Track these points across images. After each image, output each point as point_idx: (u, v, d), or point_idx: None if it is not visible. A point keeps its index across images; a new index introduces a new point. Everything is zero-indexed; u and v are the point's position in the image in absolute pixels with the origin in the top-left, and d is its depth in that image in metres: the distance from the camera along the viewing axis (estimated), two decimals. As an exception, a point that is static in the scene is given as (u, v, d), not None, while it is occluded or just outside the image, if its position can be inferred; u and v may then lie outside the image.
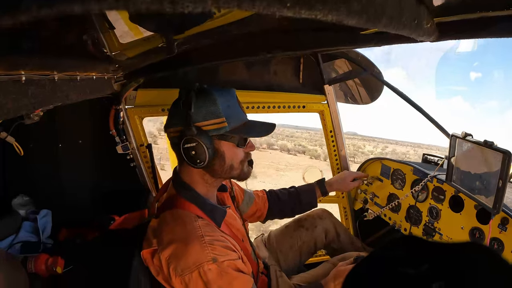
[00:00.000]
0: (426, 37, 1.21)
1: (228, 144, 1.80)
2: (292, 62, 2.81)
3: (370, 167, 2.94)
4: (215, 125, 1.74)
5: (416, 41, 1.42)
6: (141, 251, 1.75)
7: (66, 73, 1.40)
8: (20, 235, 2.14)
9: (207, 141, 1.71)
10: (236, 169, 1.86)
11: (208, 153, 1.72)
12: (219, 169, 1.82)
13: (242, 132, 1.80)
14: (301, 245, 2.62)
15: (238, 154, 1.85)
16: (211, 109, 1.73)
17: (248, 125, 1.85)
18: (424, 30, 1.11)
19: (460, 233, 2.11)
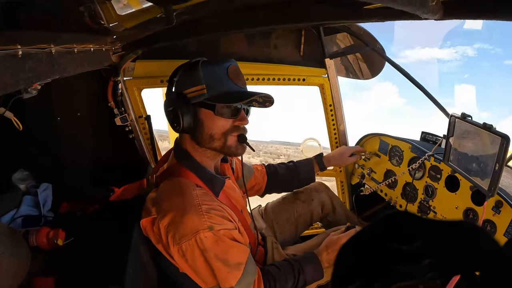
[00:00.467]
0: (431, 15, 1.19)
1: (206, 112, 1.80)
2: (293, 35, 2.76)
3: (368, 142, 2.94)
4: (195, 92, 1.78)
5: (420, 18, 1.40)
6: (141, 221, 1.79)
7: (63, 46, 1.38)
8: (21, 209, 2.15)
9: (184, 107, 1.77)
10: (217, 141, 1.84)
11: (184, 118, 1.77)
12: (200, 138, 1.85)
13: (219, 100, 1.79)
14: (298, 218, 2.65)
15: (219, 123, 1.83)
16: (192, 77, 1.79)
17: (229, 93, 1.82)
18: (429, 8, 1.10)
19: (454, 212, 2.14)
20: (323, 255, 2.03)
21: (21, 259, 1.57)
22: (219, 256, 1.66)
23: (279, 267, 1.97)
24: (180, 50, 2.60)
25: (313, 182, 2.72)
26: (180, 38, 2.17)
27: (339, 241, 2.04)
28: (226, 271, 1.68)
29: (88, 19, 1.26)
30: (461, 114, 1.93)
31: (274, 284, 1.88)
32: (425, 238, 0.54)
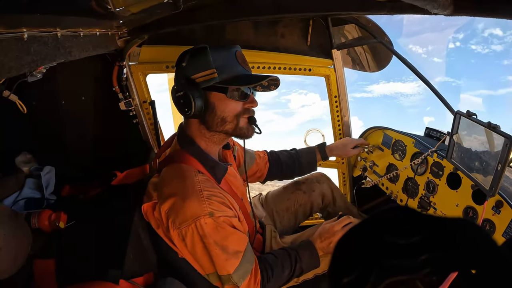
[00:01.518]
0: (441, 10, 1.18)
1: (218, 95, 1.81)
2: (300, 24, 2.73)
3: (372, 135, 2.93)
4: (205, 76, 1.78)
5: (429, 13, 1.39)
6: (142, 205, 1.81)
7: (69, 29, 1.38)
8: (24, 191, 2.17)
9: (195, 91, 1.76)
10: (229, 123, 1.86)
11: (195, 102, 1.76)
12: (211, 121, 1.85)
13: (230, 82, 1.80)
14: (298, 208, 2.66)
15: (231, 106, 1.84)
16: (201, 61, 1.78)
17: (241, 76, 1.84)
18: (439, 3, 1.09)
19: (454, 210, 2.14)
20: (317, 242, 2.05)
21: (22, 241, 1.58)
22: (218, 242, 1.68)
23: (276, 255, 1.99)
24: (186, 36, 2.59)
25: (315, 170, 2.72)
26: (186, 24, 2.16)
27: (332, 228, 2.06)
28: (224, 258, 1.70)
29: (94, 3, 1.25)
30: (466, 112, 1.91)
31: (271, 272, 1.90)
32: (423, 233, 0.54)
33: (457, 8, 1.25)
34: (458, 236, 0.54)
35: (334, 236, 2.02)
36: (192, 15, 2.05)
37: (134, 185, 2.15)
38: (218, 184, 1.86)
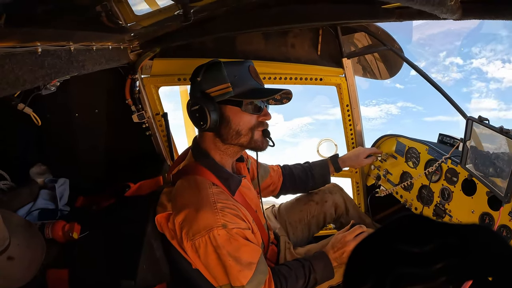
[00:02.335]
0: (450, 15, 1.18)
1: (233, 109, 1.84)
2: (310, 34, 2.74)
3: (385, 143, 2.91)
4: (220, 90, 1.81)
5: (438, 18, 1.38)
6: (156, 216, 1.82)
7: (82, 43, 1.41)
8: (38, 202, 2.21)
9: (210, 105, 1.78)
10: (244, 136, 1.89)
11: (211, 116, 1.78)
12: (226, 134, 1.87)
13: (246, 96, 1.83)
14: (311, 219, 2.64)
15: (246, 119, 1.87)
16: (216, 76, 1.81)
17: (255, 90, 1.87)
18: (448, 7, 1.08)
19: (470, 216, 2.10)
20: (330, 253, 2.04)
21: (36, 251, 1.60)
22: (232, 253, 1.68)
23: (290, 266, 1.98)
24: (197, 49, 2.62)
25: (328, 183, 2.70)
26: (197, 36, 2.19)
27: (344, 238, 2.04)
28: (238, 269, 1.69)
29: (106, 17, 1.28)
30: (478, 118, 1.89)
31: (285, 283, 1.89)
32: (438, 241, 0.53)
33: (466, 11, 1.24)
34: (474, 242, 0.54)
35: (346, 246, 2.01)
36: (202, 27, 2.08)
37: (147, 196, 2.16)
38: (232, 196, 1.87)
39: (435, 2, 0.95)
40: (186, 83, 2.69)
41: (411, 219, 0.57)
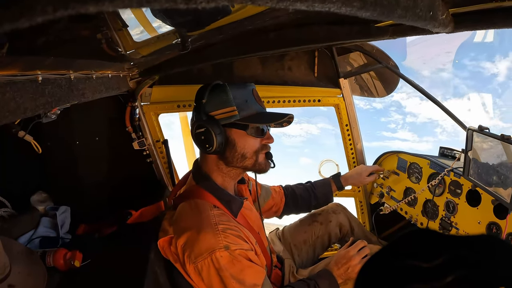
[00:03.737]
0: (442, 29, 1.19)
1: (239, 132, 1.85)
2: (306, 56, 2.79)
3: (386, 160, 2.91)
4: (226, 113, 1.81)
5: (431, 33, 1.41)
6: (158, 241, 1.81)
7: (82, 72, 1.43)
8: (39, 230, 2.19)
9: (216, 128, 1.79)
10: (249, 159, 1.89)
11: (217, 139, 1.78)
12: (231, 157, 1.87)
13: (252, 120, 1.85)
14: (315, 240, 2.62)
15: (251, 143, 1.88)
16: (222, 99, 1.81)
17: (260, 114, 1.89)
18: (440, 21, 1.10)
19: (477, 227, 2.09)
20: (334, 270, 2.03)
21: (37, 279, 1.58)
22: (235, 276, 1.66)
23: (295, 287, 1.95)
24: (195, 75, 2.66)
25: (331, 202, 2.68)
26: (195, 63, 2.22)
27: (347, 253, 2.04)
28: None
29: (105, 46, 1.30)
30: (478, 127, 1.90)
31: None
32: (447, 254, 0.53)
33: (458, 24, 1.27)
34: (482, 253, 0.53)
35: (350, 260, 2.00)
36: (200, 54, 2.11)
37: (149, 222, 2.15)
38: (235, 218, 1.86)
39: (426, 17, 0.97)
40: (186, 109, 2.72)
41: (418, 234, 0.57)
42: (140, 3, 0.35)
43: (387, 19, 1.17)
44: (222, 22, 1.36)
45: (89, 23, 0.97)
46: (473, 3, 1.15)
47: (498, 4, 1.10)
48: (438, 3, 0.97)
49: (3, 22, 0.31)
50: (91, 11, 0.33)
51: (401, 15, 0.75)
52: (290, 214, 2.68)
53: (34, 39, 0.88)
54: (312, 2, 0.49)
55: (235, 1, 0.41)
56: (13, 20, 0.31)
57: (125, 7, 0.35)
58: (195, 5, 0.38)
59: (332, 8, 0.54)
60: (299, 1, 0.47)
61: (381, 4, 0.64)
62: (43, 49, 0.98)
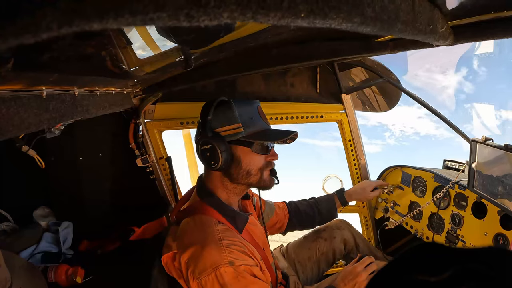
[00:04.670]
0: (442, 41, 1.20)
1: (244, 149, 1.85)
2: (308, 72, 2.81)
3: (390, 175, 2.90)
4: (231, 130, 1.81)
5: (431, 46, 1.42)
6: (162, 257, 1.78)
7: (86, 88, 1.44)
8: (41, 245, 2.20)
9: (222, 145, 1.78)
10: (254, 176, 1.89)
11: (222, 156, 1.78)
12: (236, 174, 1.87)
13: (258, 138, 1.85)
14: (320, 256, 2.60)
15: (257, 160, 1.88)
16: (228, 115, 1.81)
17: (265, 132, 1.89)
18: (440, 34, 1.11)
19: (483, 239, 2.07)
20: (341, 286, 2.01)
21: (38, 295, 1.58)
22: None
23: None
24: (199, 92, 2.68)
25: (335, 218, 2.67)
26: (198, 80, 2.23)
27: (354, 269, 2.02)
28: None
29: (110, 63, 1.32)
30: (482, 138, 1.90)
31: None
32: (454, 268, 0.52)
33: (457, 36, 1.28)
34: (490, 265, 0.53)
35: (357, 277, 1.98)
36: (203, 71, 2.13)
37: (152, 239, 2.14)
38: (240, 234, 1.85)
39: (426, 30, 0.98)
40: (189, 126, 2.73)
41: (424, 248, 0.57)
42: (143, 21, 0.36)
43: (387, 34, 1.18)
44: (224, 40, 1.38)
45: (94, 40, 0.98)
46: (472, 15, 1.16)
47: (496, 15, 1.11)
48: (437, 16, 0.98)
49: (8, 37, 0.32)
50: (96, 28, 0.34)
51: (401, 30, 0.76)
52: (294, 230, 2.66)
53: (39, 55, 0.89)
54: (313, 19, 0.50)
55: (237, 19, 0.42)
56: (18, 35, 0.32)
57: (129, 25, 0.36)
58: (198, 23, 0.39)
59: (333, 24, 0.55)
60: (300, 18, 0.48)
61: (381, 19, 0.65)
62: (48, 65, 0.99)
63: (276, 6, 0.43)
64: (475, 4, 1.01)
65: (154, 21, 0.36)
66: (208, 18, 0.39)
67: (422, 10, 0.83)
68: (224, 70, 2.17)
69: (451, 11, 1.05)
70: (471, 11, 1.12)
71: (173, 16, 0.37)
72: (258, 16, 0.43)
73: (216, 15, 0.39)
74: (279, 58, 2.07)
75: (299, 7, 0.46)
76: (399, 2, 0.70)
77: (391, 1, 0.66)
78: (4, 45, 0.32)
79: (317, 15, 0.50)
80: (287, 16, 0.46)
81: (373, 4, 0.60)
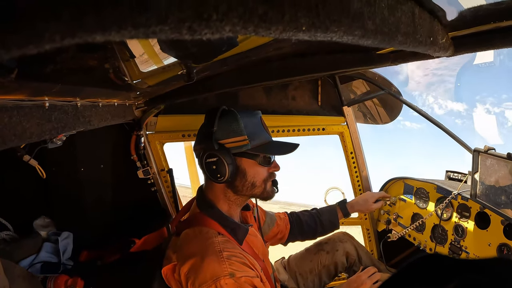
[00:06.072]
0: (442, 53, 1.21)
1: (249, 161, 1.83)
2: (310, 85, 2.82)
3: (392, 187, 2.89)
4: (237, 142, 1.79)
5: (432, 57, 1.43)
6: (162, 269, 1.76)
7: (88, 99, 1.45)
8: (41, 255, 2.20)
9: (228, 157, 1.76)
10: (258, 187, 1.88)
11: (229, 169, 1.76)
12: (241, 186, 1.85)
13: (263, 150, 1.84)
14: (321, 269, 2.58)
15: (261, 172, 1.87)
16: (233, 127, 1.79)
17: (270, 144, 1.89)
18: (440, 46, 1.12)
19: (487, 250, 2.06)
20: None
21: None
22: None
23: None
24: (201, 104, 2.69)
25: (337, 229, 2.65)
26: (201, 93, 2.25)
27: (359, 278, 2.03)
28: None
29: (112, 75, 1.32)
30: (484, 147, 1.90)
31: None
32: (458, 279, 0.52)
33: (457, 47, 1.28)
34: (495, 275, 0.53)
35: (362, 285, 1.98)
36: (205, 84, 2.14)
37: (153, 251, 2.13)
38: (240, 245, 1.83)
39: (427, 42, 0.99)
40: (191, 139, 2.74)
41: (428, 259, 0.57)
42: (146, 34, 0.36)
43: (388, 46, 1.19)
44: (227, 54, 1.39)
45: (97, 52, 0.99)
46: (471, 26, 1.17)
47: (496, 25, 1.12)
48: (437, 28, 0.99)
49: (12, 47, 0.32)
50: (98, 40, 0.34)
51: (401, 42, 0.76)
52: (296, 241, 2.64)
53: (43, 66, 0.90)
54: (315, 32, 0.51)
55: (239, 32, 0.43)
56: (21, 45, 0.32)
57: (132, 37, 0.36)
58: (200, 36, 0.40)
59: (334, 37, 0.56)
60: (302, 31, 0.49)
61: (381, 32, 0.65)
62: (51, 76, 1.00)
63: (278, 19, 0.44)
64: (474, 15, 1.01)
65: (157, 34, 0.37)
66: (210, 32, 0.40)
67: (422, 22, 0.84)
68: (226, 83, 2.18)
69: (451, 23, 1.06)
70: (471, 22, 1.13)
71: (176, 29, 0.37)
72: (260, 29, 0.43)
73: (218, 29, 0.40)
74: (281, 71, 2.09)
75: (301, 20, 0.47)
76: (399, 14, 0.70)
77: (391, 14, 0.67)
78: (7, 55, 0.32)
79: (318, 28, 0.50)
80: (289, 30, 0.47)
81: (374, 17, 0.61)
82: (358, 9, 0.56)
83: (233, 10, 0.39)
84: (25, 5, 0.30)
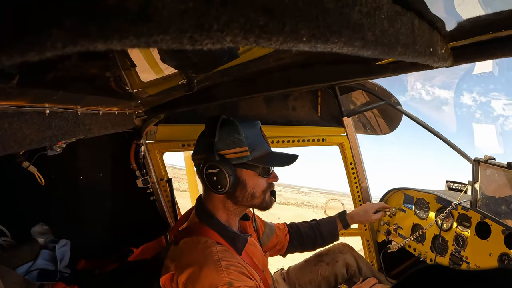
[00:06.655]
0: (442, 63, 1.21)
1: (250, 172, 1.82)
2: (310, 96, 2.84)
3: (392, 197, 2.89)
4: (238, 153, 1.78)
5: (431, 68, 1.43)
6: (160, 278, 1.74)
7: (89, 107, 1.46)
8: (38, 262, 2.19)
9: (229, 168, 1.75)
10: (257, 198, 1.87)
11: (230, 180, 1.75)
12: (241, 197, 1.84)
13: (264, 162, 1.83)
14: (321, 280, 2.55)
15: (261, 183, 1.86)
16: (234, 138, 1.78)
17: (270, 155, 1.88)
18: (439, 56, 1.12)
19: (488, 260, 2.05)
20: None
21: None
22: None
23: None
24: (201, 114, 2.70)
25: (337, 240, 2.64)
26: (201, 102, 2.25)
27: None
28: None
29: (113, 84, 1.33)
30: (484, 157, 1.91)
31: None
32: None
33: (457, 57, 1.29)
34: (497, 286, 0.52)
35: None
36: (206, 94, 2.15)
37: (151, 260, 2.12)
38: (239, 255, 1.82)
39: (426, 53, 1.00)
40: (190, 148, 2.73)
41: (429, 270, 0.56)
42: (147, 43, 0.36)
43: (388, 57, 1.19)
44: (227, 65, 1.39)
45: (99, 61, 1.00)
46: (470, 36, 1.18)
47: (494, 35, 1.12)
48: (436, 38, 0.99)
49: (14, 53, 0.32)
50: (100, 48, 0.35)
51: (401, 52, 0.77)
52: (295, 252, 2.62)
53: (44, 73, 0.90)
54: (315, 43, 0.51)
55: (239, 43, 0.43)
56: (23, 52, 0.33)
57: (133, 46, 0.36)
58: (201, 46, 0.40)
59: (334, 48, 0.56)
60: (302, 42, 0.49)
61: (381, 43, 0.66)
62: (52, 84, 1.00)
63: (278, 30, 0.44)
64: (473, 25, 1.02)
65: (158, 43, 0.37)
66: (211, 42, 0.40)
67: (421, 33, 0.84)
68: (227, 93, 2.19)
69: (450, 33, 1.06)
70: (470, 32, 1.13)
71: (177, 39, 0.37)
72: (260, 40, 0.44)
73: (219, 39, 0.40)
74: (281, 82, 2.10)
75: (301, 31, 0.47)
76: (399, 25, 0.71)
77: (391, 25, 0.67)
78: (8, 61, 0.32)
79: (318, 39, 0.51)
80: (289, 41, 0.47)
81: (374, 28, 0.61)
82: (358, 20, 0.56)
83: (234, 21, 0.39)
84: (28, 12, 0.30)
